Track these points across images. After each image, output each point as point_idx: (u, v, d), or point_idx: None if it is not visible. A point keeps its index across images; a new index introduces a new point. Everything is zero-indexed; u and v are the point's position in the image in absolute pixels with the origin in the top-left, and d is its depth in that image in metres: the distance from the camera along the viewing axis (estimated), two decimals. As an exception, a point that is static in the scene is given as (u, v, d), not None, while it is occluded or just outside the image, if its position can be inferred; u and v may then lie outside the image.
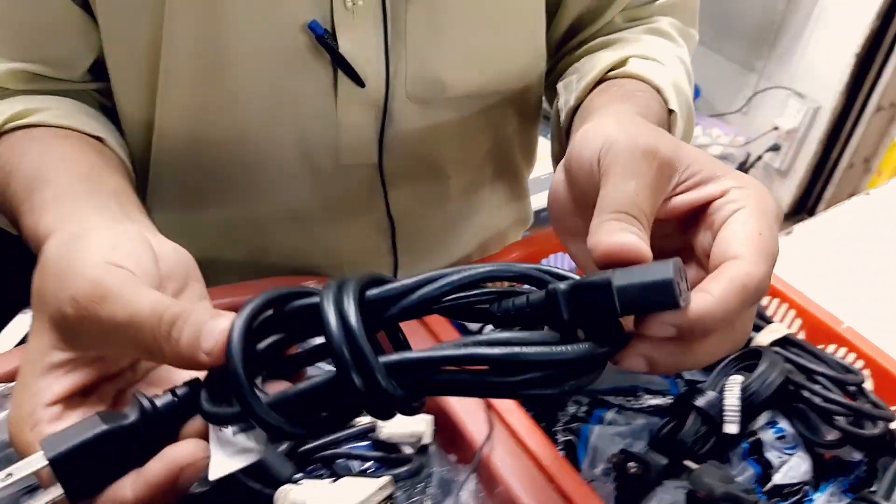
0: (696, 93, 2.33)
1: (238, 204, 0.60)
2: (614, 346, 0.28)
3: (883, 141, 2.18)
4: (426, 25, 0.54)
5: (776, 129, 2.20)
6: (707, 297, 0.28)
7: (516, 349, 0.26)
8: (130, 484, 0.29)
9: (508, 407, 0.49)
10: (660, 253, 0.30)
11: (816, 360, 0.57)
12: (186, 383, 0.30)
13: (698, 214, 0.34)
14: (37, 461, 0.28)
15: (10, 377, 0.46)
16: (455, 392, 0.29)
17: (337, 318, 0.26)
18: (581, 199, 0.36)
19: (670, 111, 0.51)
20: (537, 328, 0.28)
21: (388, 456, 0.43)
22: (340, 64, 0.52)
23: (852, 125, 2.14)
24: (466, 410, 0.46)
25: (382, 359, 0.26)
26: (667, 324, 0.28)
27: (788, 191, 2.27)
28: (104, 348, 0.32)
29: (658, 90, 0.52)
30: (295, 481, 0.39)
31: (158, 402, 0.29)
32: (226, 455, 0.28)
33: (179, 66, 0.51)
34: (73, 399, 0.31)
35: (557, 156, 0.62)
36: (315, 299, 0.27)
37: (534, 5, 0.59)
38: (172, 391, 0.29)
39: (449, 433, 0.46)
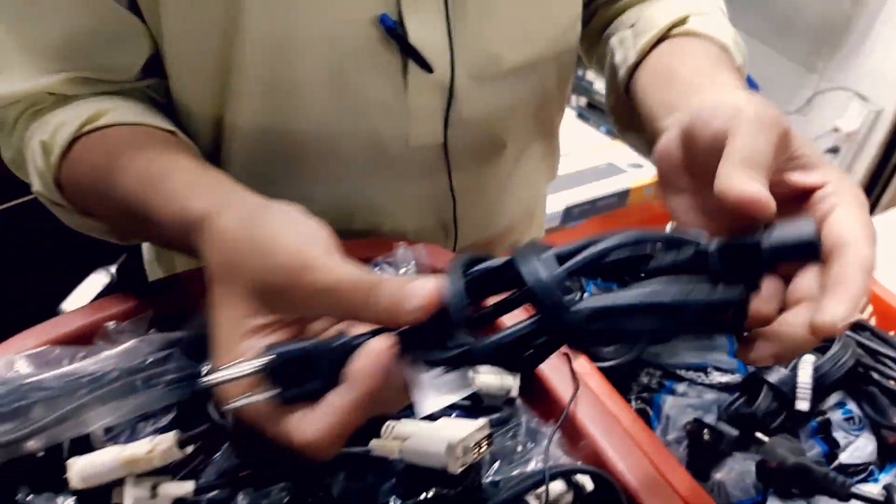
0: (755, 89, 2.30)
1: (307, 190, 0.61)
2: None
3: (947, 147, 2.13)
4: (482, 4, 0.56)
5: (836, 130, 2.17)
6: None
7: (701, 296, 0.30)
8: (345, 389, 0.32)
9: (588, 370, 0.51)
10: None
11: (887, 345, 0.58)
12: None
13: (800, 198, 0.37)
14: (260, 361, 0.32)
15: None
16: (640, 336, 0.34)
17: (538, 271, 0.30)
18: (695, 160, 0.38)
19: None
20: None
21: (478, 405, 0.46)
22: (410, 53, 0.54)
23: (915, 130, 2.10)
24: (552, 368, 0.48)
25: (581, 305, 0.30)
26: None
27: (845, 194, 2.24)
28: (305, 312, 0.36)
29: (725, 48, 0.55)
30: (396, 419, 0.42)
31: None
32: (433, 394, 0.33)
33: (252, 63, 0.53)
34: None
35: (614, 108, 0.64)
36: (499, 261, 0.32)
37: None
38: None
39: (535, 390, 0.48)
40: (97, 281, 1.28)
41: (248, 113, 0.56)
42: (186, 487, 0.41)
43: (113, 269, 1.29)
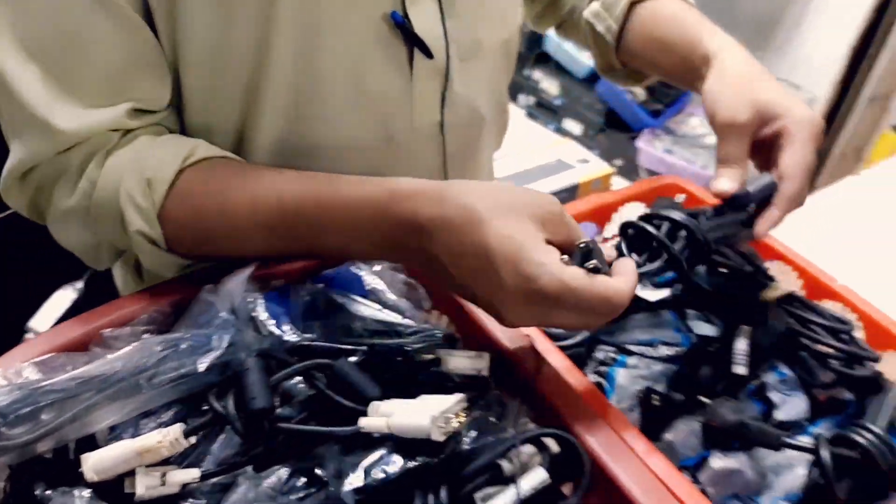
0: (695, 84, 2.40)
1: None
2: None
3: (874, 131, 2.26)
4: None
5: (772, 119, 2.28)
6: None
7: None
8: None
9: (550, 349, 0.56)
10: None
11: (814, 313, 0.65)
12: None
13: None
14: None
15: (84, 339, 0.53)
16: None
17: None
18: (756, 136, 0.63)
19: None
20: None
21: (453, 384, 0.51)
22: (416, 42, 0.61)
23: (845, 116, 2.22)
24: (516, 349, 0.54)
25: None
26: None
27: (783, 179, 2.35)
28: (571, 234, 0.48)
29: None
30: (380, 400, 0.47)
31: None
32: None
33: (279, 79, 0.58)
34: None
35: (602, 67, 0.84)
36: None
37: None
38: None
39: (503, 369, 0.53)
40: (64, 297, 1.29)
41: (271, 126, 0.61)
42: (193, 474, 0.45)
43: (80, 284, 1.30)
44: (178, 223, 0.55)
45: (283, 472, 0.47)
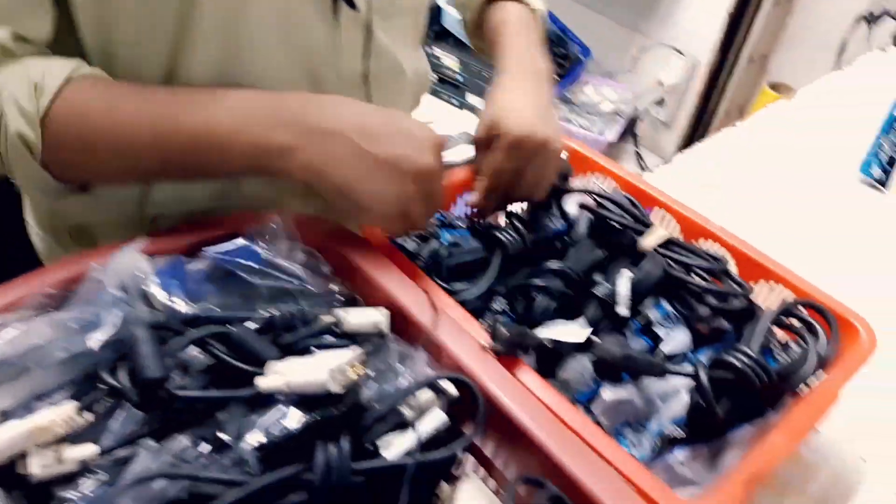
0: (587, 53, 2.47)
1: None
2: None
3: (754, 90, 2.40)
4: None
5: (661, 84, 2.38)
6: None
7: None
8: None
9: (449, 303, 0.59)
10: None
11: (691, 255, 0.69)
12: None
13: None
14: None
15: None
16: None
17: None
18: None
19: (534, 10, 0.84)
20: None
21: (354, 342, 0.52)
22: None
23: (727, 77, 2.34)
24: (411, 301, 0.55)
25: None
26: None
27: (673, 141, 2.46)
28: None
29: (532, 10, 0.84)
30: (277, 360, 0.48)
31: None
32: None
33: (208, 17, 0.58)
34: None
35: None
36: None
37: None
38: None
39: (401, 324, 0.55)
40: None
41: (201, 66, 0.61)
42: (90, 449, 0.45)
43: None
44: (62, 130, 0.55)
45: (185, 439, 0.47)
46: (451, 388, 0.49)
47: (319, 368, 0.44)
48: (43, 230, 0.81)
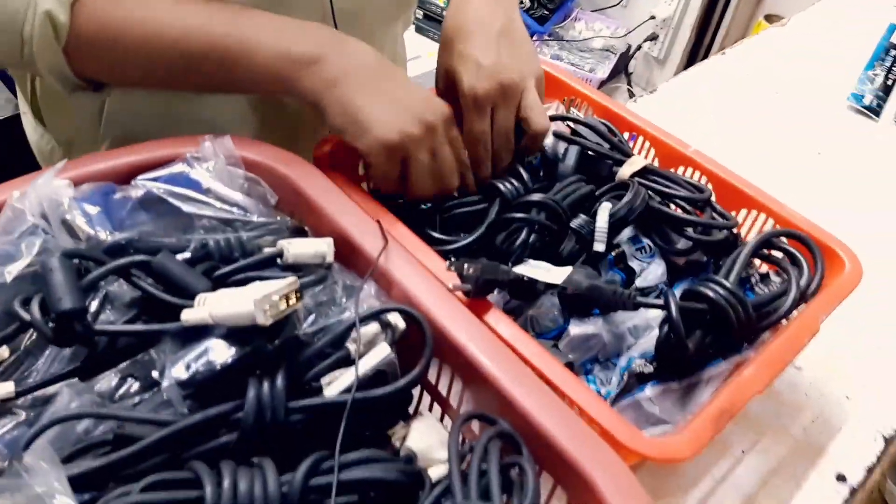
0: (576, -13, 2.38)
1: None
2: None
3: (750, 24, 2.31)
4: None
5: (652, 18, 2.30)
6: None
7: None
8: None
9: (405, 233, 0.54)
10: None
11: (671, 184, 0.65)
12: None
13: None
14: None
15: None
16: None
17: None
18: None
19: None
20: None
21: (296, 275, 0.48)
22: None
23: (722, 10, 2.25)
24: (364, 232, 0.51)
25: None
26: None
27: (667, 77, 2.39)
28: None
29: None
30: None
31: None
32: None
33: None
34: None
35: None
36: None
37: None
38: None
39: (350, 256, 0.51)
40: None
41: None
42: (7, 388, 0.42)
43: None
44: (92, 16, 0.53)
45: (113, 377, 0.44)
46: (400, 322, 0.45)
47: (246, 299, 0.40)
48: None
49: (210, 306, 0.41)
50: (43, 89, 0.71)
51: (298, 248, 0.49)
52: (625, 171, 0.66)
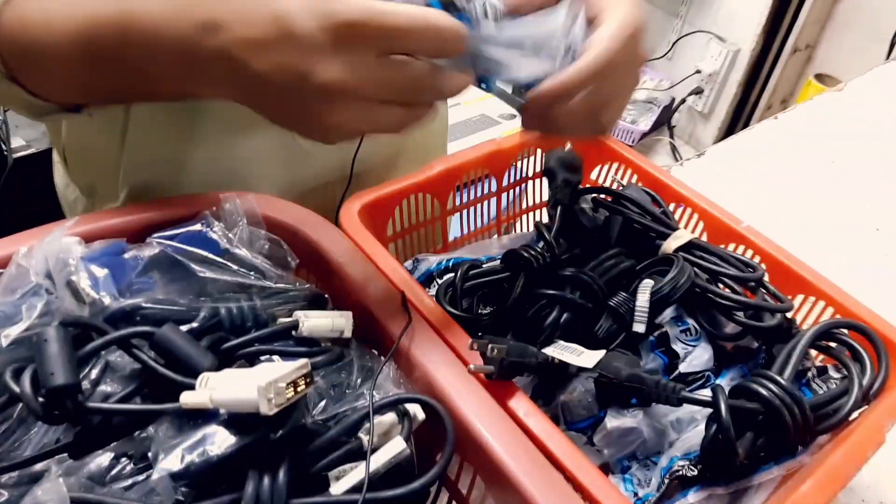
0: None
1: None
2: None
3: (799, 82, 2.26)
4: None
5: (698, 72, 2.26)
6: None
7: None
8: None
9: (429, 306, 0.51)
10: None
11: (719, 261, 0.60)
12: None
13: None
14: None
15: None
16: None
17: None
18: None
19: None
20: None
21: (310, 350, 0.45)
22: None
23: (770, 67, 2.21)
24: (386, 306, 0.48)
25: None
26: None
27: (710, 133, 2.35)
28: None
29: None
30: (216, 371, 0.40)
31: None
32: None
33: None
34: None
35: None
36: None
37: None
38: None
39: (370, 329, 0.47)
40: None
41: None
42: (-10, 466, 0.39)
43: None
44: (10, 41, 0.49)
45: (106, 457, 0.40)
46: (419, 412, 0.41)
47: (249, 384, 0.37)
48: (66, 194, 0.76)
49: (212, 389, 0.38)
50: (69, 133, 0.70)
51: (315, 322, 0.45)
52: (669, 245, 0.61)
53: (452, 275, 0.59)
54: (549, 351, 0.50)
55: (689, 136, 2.41)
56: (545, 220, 0.77)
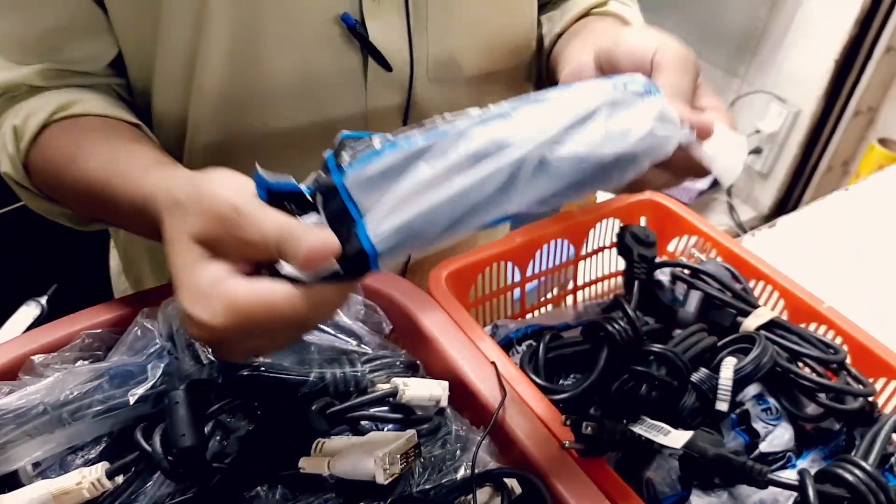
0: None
1: None
2: None
3: (860, 145, 2.24)
4: (443, 10, 0.59)
5: (758, 132, 2.26)
6: None
7: None
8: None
9: (515, 375, 0.52)
10: None
11: (801, 341, 0.61)
12: None
13: None
14: None
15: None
16: None
17: None
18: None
19: None
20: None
21: (408, 417, 0.47)
22: (370, 51, 0.56)
23: (831, 129, 2.20)
24: (480, 377, 0.50)
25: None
26: None
27: (769, 193, 2.33)
28: (243, 254, 0.36)
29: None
30: (326, 436, 0.43)
31: None
32: None
33: (215, 61, 0.54)
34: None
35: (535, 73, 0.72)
36: None
37: None
38: None
39: (463, 398, 0.49)
40: (27, 313, 1.25)
41: (211, 111, 0.57)
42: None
43: (43, 300, 1.26)
44: (40, 172, 0.55)
45: (220, 515, 0.43)
46: (516, 486, 0.43)
47: (366, 454, 0.39)
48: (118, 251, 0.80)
49: (327, 455, 0.40)
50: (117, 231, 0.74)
51: (414, 391, 0.48)
52: (750, 324, 0.62)
53: (533, 343, 0.61)
54: (638, 429, 0.51)
55: (747, 196, 2.40)
56: (615, 283, 0.79)
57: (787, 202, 2.33)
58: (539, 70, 0.72)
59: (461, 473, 0.43)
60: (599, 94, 0.37)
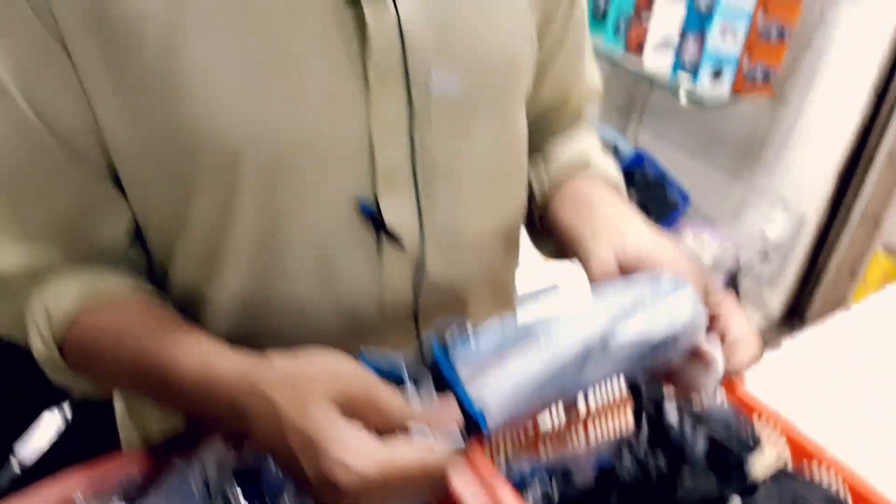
0: (687, 200, 2.44)
1: None
2: None
3: (867, 251, 2.27)
4: (449, 187, 0.63)
5: (764, 238, 2.30)
6: None
7: None
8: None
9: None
10: None
11: (809, 488, 0.63)
12: None
13: None
14: None
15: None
16: None
17: None
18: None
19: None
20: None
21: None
22: (386, 233, 0.60)
23: (837, 235, 2.23)
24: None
25: None
26: None
27: (778, 299, 2.35)
28: (373, 421, 0.45)
29: (617, 187, 0.75)
30: None
31: None
32: None
33: (240, 247, 0.58)
34: None
35: (527, 223, 0.80)
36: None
37: (524, 149, 0.71)
38: None
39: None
40: (51, 421, 1.26)
41: (231, 291, 0.60)
42: None
43: (66, 406, 1.28)
44: (72, 353, 0.58)
45: None
46: None
47: None
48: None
49: None
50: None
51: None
52: (756, 468, 0.64)
53: (546, 487, 0.63)
54: None
55: (757, 300, 2.42)
56: (622, 415, 0.81)
57: (796, 306, 2.35)
58: (531, 216, 0.78)
59: None
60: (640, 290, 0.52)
